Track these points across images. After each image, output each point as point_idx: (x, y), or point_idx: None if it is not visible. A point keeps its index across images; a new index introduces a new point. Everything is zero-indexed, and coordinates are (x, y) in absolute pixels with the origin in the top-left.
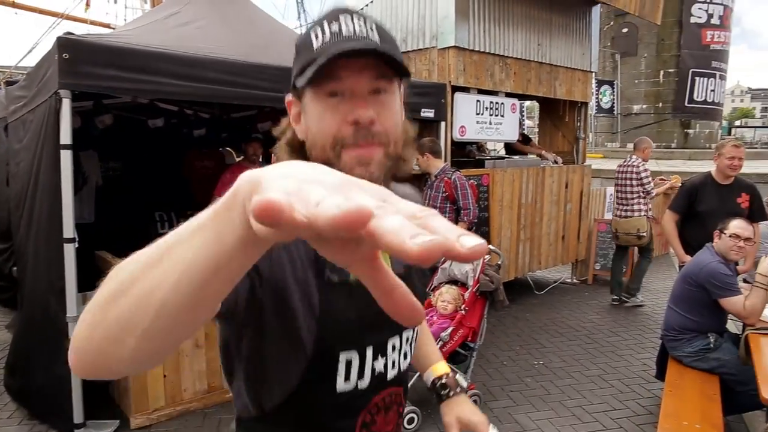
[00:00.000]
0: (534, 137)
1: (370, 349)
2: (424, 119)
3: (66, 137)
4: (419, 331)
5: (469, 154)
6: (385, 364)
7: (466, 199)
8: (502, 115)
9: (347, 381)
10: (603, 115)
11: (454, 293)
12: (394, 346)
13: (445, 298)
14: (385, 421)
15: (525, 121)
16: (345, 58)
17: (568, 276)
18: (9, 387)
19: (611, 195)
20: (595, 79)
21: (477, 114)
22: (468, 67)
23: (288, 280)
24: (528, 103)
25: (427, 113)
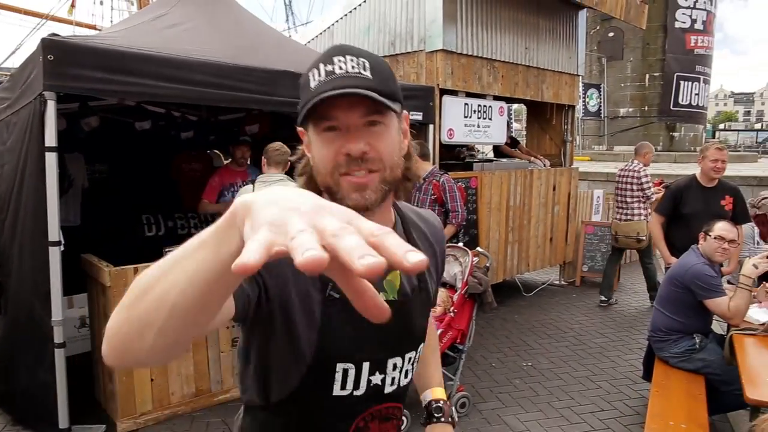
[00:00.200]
0: (522, 140)
1: (366, 364)
2: (412, 122)
3: (51, 139)
4: (429, 351)
5: (458, 155)
6: (383, 380)
7: (455, 202)
8: (490, 118)
9: (343, 388)
10: (590, 118)
11: (442, 295)
12: (396, 365)
13: None
14: (380, 430)
15: (513, 124)
16: (332, 98)
17: (556, 278)
18: None
19: (598, 197)
20: (581, 83)
21: (465, 117)
22: (456, 71)
23: (292, 294)
24: (516, 106)
25: (416, 116)
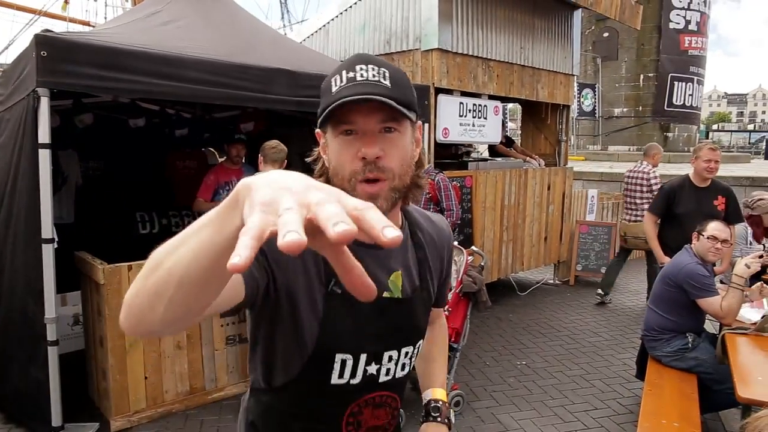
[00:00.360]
0: (517, 139)
1: (364, 356)
2: None
3: (44, 136)
4: (437, 351)
5: (457, 152)
6: (378, 370)
7: (450, 201)
8: (485, 118)
9: (341, 377)
10: (584, 118)
11: None
12: (391, 357)
13: None
14: (373, 416)
15: (508, 124)
16: (352, 103)
17: (551, 277)
18: None
19: (593, 197)
20: (576, 83)
21: (460, 116)
22: (451, 70)
23: (297, 286)
24: (511, 105)
25: None
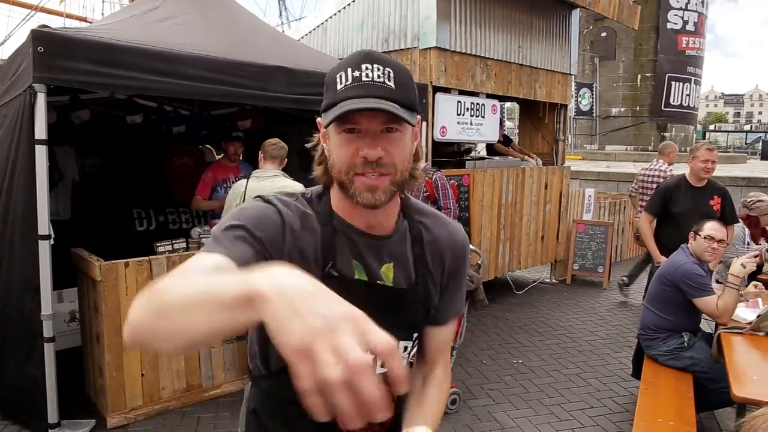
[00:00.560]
0: (514, 138)
1: None
2: None
3: (41, 132)
4: (435, 390)
5: (459, 149)
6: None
7: (447, 199)
8: (483, 116)
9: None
10: (582, 117)
11: None
12: None
13: None
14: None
15: (505, 122)
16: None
17: (547, 276)
18: None
19: (590, 196)
20: (574, 82)
21: (458, 114)
22: (449, 68)
23: (295, 266)
24: (508, 104)
25: None
